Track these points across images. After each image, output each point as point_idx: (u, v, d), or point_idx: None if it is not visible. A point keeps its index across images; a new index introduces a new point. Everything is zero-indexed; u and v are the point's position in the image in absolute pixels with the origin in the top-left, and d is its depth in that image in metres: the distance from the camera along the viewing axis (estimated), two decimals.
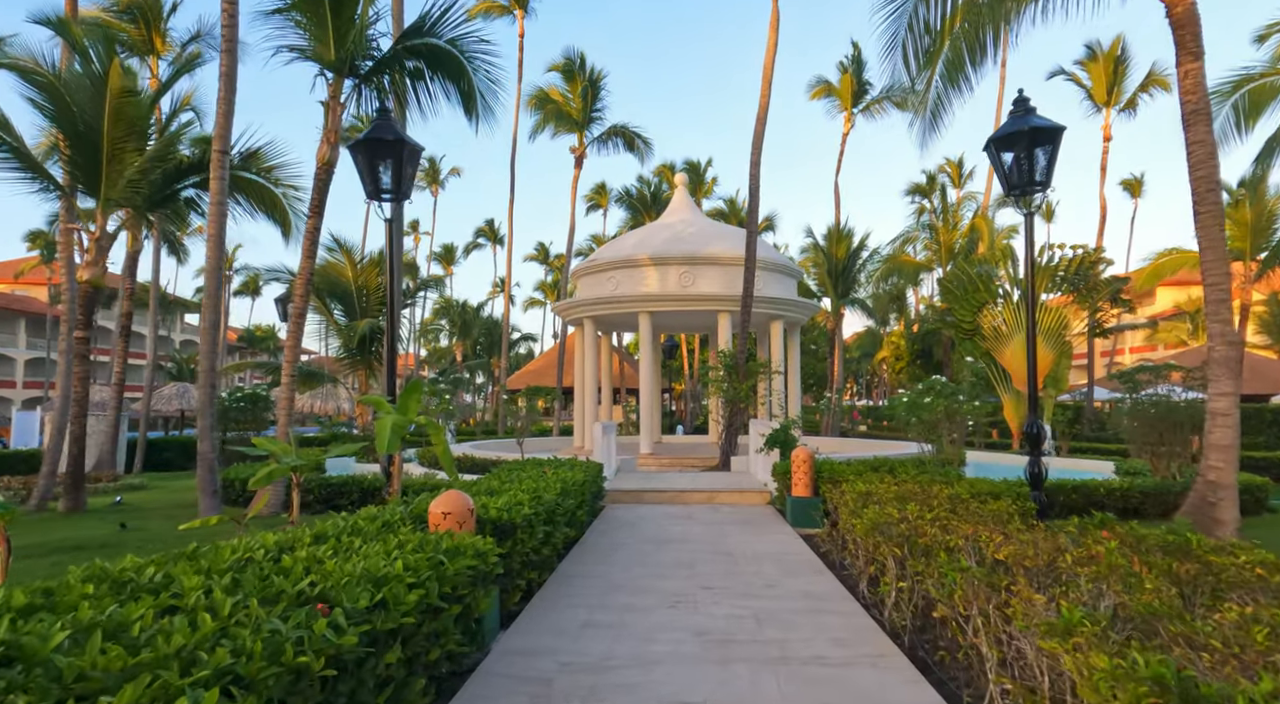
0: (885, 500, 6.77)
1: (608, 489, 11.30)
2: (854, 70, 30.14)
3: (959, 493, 6.98)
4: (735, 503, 11.23)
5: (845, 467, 9.64)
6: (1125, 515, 10.56)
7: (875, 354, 58.67)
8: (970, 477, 9.27)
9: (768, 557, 7.36)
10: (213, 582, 2.91)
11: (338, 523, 4.55)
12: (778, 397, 18.75)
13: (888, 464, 10.18)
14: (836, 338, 30.99)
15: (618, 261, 19.16)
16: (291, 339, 9.92)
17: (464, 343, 57.89)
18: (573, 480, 7.74)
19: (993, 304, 23.78)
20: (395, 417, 7.85)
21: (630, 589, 5.95)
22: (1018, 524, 5.69)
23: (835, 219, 31.05)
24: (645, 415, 18.53)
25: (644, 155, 29.11)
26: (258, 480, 6.77)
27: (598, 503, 10.06)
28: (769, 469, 11.69)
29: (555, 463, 9.81)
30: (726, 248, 18.82)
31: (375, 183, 9.40)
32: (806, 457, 9.60)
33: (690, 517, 9.94)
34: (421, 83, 11.15)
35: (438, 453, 8.26)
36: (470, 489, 6.45)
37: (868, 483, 8.13)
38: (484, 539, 4.35)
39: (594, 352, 20.19)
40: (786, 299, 19.18)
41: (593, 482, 9.07)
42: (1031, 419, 9.08)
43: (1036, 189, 9.20)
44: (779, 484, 10.62)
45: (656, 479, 12.97)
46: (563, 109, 27.07)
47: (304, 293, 9.89)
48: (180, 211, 12.71)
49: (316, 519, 6.10)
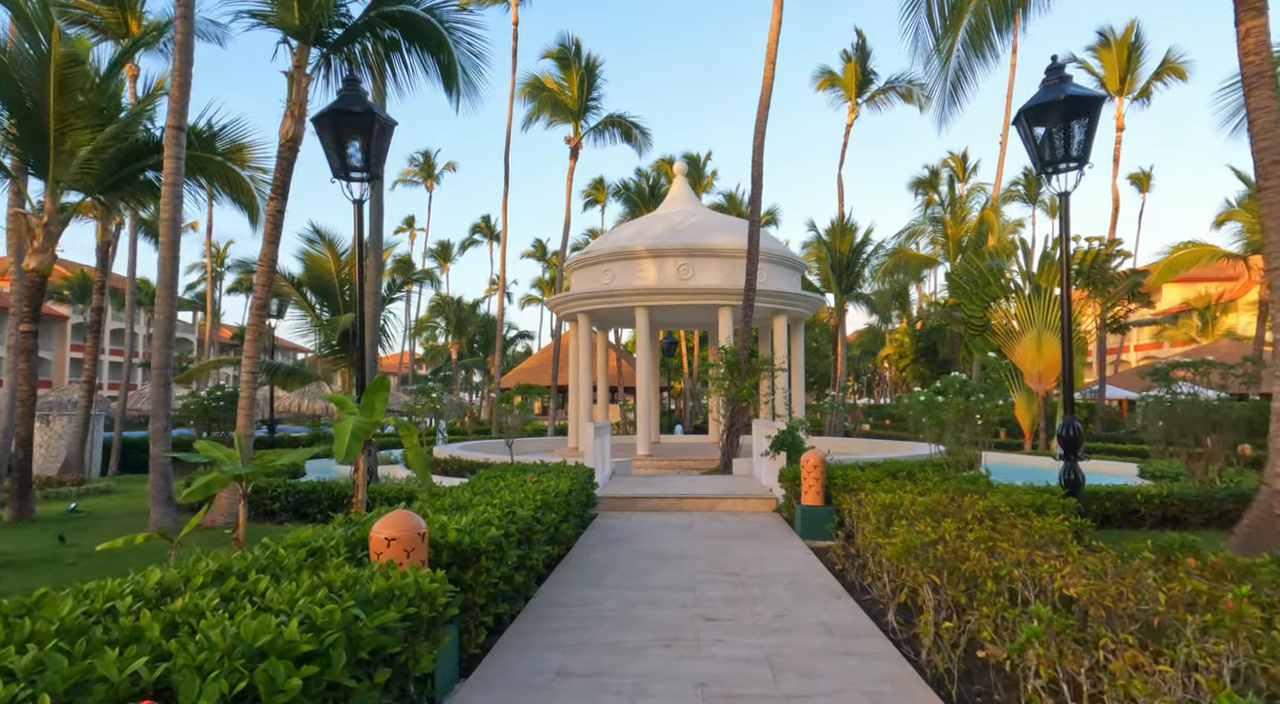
0: (914, 515, 5.90)
1: (600, 496, 10.44)
2: (858, 59, 29.24)
3: (995, 504, 6.11)
4: (738, 511, 10.36)
5: (860, 472, 8.76)
6: (1163, 525, 9.70)
7: (877, 352, 57.88)
8: (997, 482, 8.42)
9: (778, 578, 6.49)
10: (9, 659, 2.04)
11: (255, 554, 3.67)
12: (781, 395, 17.88)
13: (904, 468, 9.32)
14: (840, 334, 30.12)
15: (613, 253, 18.28)
16: (252, 332, 9.03)
17: (459, 341, 57.00)
18: (557, 490, 6.87)
19: (1003, 299, 22.93)
20: (357, 418, 6.97)
21: (620, 620, 5.08)
22: (1074, 546, 4.83)
23: (838, 212, 30.18)
24: (642, 415, 17.66)
25: (642, 147, 28.23)
26: (191, 493, 5.89)
27: (588, 512, 9.20)
28: (774, 473, 10.83)
29: (542, 468, 8.93)
30: (727, 239, 17.94)
31: (342, 160, 8.50)
32: (818, 462, 8.73)
33: (690, 527, 9.07)
34: (397, 54, 10.26)
35: (409, 458, 7.40)
36: (434, 504, 5.57)
37: (888, 491, 7.27)
38: (433, 574, 3.48)
39: (588, 348, 19.31)
40: (790, 293, 18.31)
41: (581, 490, 8.20)
42: (1069, 419, 8.21)
43: (1072, 165, 8.34)
44: (786, 491, 9.75)
45: (653, 484, 12.11)
46: (558, 98, 26.15)
47: (265, 282, 9.00)
48: (139, 195, 11.79)
49: (279, 531, 5.27)
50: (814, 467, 8.71)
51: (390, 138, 8.79)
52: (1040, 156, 8.29)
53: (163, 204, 9.06)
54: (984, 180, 28.77)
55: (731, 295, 17.13)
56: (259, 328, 9.05)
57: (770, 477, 11.26)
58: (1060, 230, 8.25)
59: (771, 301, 17.76)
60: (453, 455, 15.97)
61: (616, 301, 17.75)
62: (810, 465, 8.72)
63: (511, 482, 7.07)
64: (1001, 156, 24.67)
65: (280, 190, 9.00)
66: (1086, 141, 8.19)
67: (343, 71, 10.22)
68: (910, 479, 8.50)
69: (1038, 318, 21.58)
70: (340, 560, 3.60)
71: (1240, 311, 47.87)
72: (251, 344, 9.01)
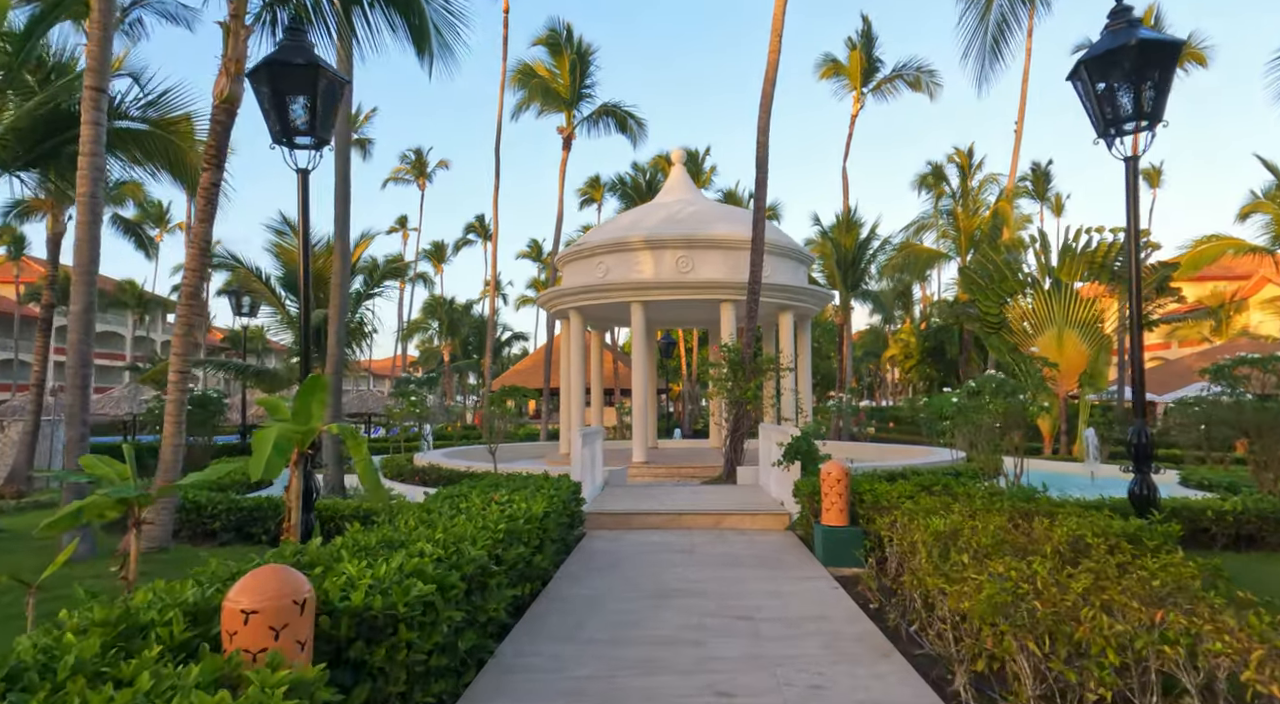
0: (978, 547, 4.64)
1: (588, 512, 9.16)
2: (863, 46, 28.03)
3: (1079, 533, 4.84)
4: (747, 528, 9.08)
5: (888, 486, 7.50)
6: (1237, 546, 8.45)
7: (879, 353, 56.64)
8: (1056, 497, 7.15)
9: (804, 623, 5.21)
10: None
11: (26, 645, 2.39)
12: (789, 397, 16.63)
13: (936, 480, 8.06)
14: (845, 333, 28.88)
15: (607, 245, 17.01)
16: (181, 325, 7.70)
17: (453, 342, 55.74)
18: (529, 515, 5.58)
19: (1021, 295, 21.69)
20: (283, 426, 5.71)
21: (600, 697, 3.81)
22: (1211, 596, 3.56)
23: (843, 207, 28.96)
24: (638, 419, 16.37)
25: (637, 138, 27.00)
26: (52, 525, 4.60)
27: (573, 533, 7.91)
28: (786, 485, 9.57)
29: (519, 481, 7.65)
30: (730, 229, 16.68)
31: (283, 122, 7.22)
32: (840, 475, 7.45)
33: (692, 550, 7.79)
34: (358, 7, 8.99)
35: (358, 471, 6.16)
36: (363, 539, 4.27)
37: (931, 511, 6.00)
38: (311, 669, 2.21)
39: (581, 347, 18.03)
40: (797, 287, 17.04)
41: (563, 510, 6.92)
42: (1139, 424, 6.93)
43: (1142, 125, 7.11)
44: (803, 507, 8.48)
45: (650, 496, 10.83)
46: (549, 85, 24.89)
47: (197, 266, 7.69)
48: (66, 173, 10.49)
49: (223, 554, 4.05)
50: (836, 480, 7.43)
51: (341, 97, 7.51)
52: (1102, 115, 7.04)
53: (79, 176, 7.77)
54: (996, 171, 27.54)
55: (734, 289, 15.87)
56: (189, 320, 7.74)
57: (781, 488, 10.00)
58: (1126, 203, 7.00)
59: (777, 296, 16.50)
60: (432, 463, 14.69)
61: (610, 296, 16.48)
62: (832, 479, 7.44)
63: (478, 500, 5.79)
64: (1016, 146, 23.46)
65: (214, 159, 7.71)
66: (1159, 96, 6.95)
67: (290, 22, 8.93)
68: (949, 494, 7.24)
69: (1058, 314, 20.38)
70: (156, 653, 2.32)
71: (1252, 310, 46.72)
72: (181, 339, 7.70)
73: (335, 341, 11.65)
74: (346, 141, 11.75)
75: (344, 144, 11.69)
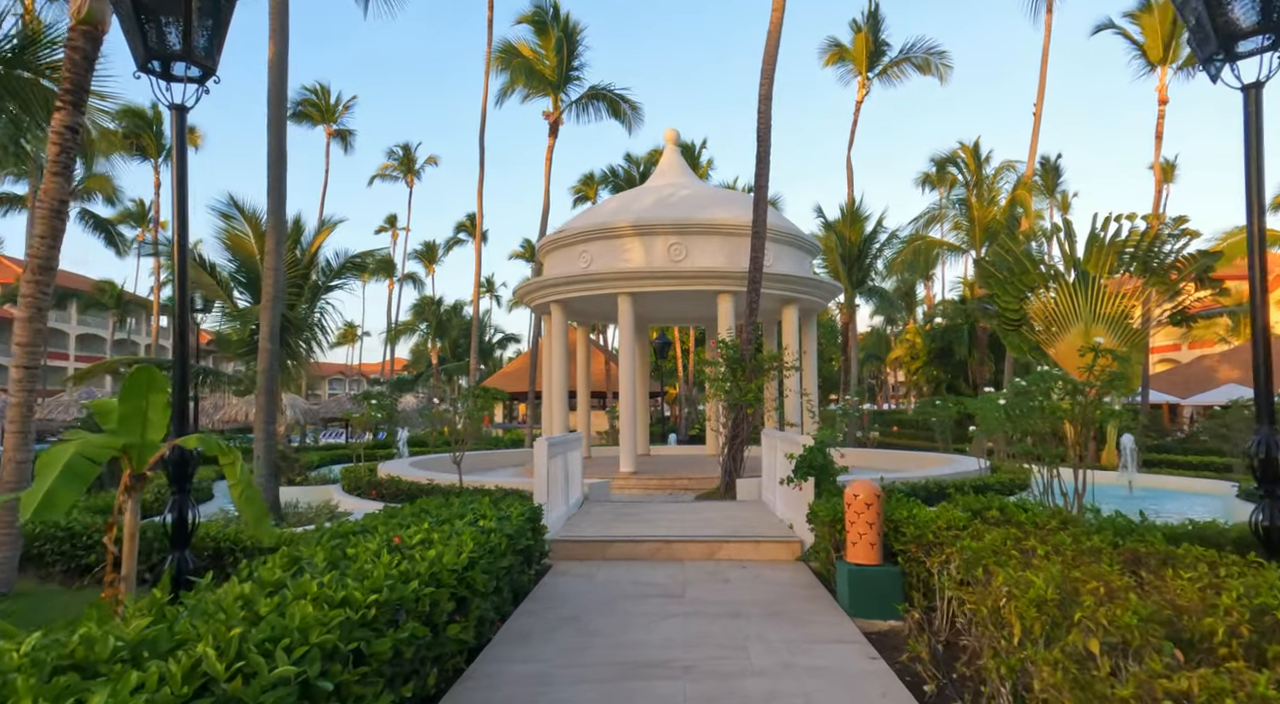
0: (1120, 628, 2.98)
1: (555, 539, 7.50)
2: (869, 28, 26.45)
3: (1259, 601, 3.18)
4: (750, 560, 7.42)
5: (932, 513, 5.85)
6: None
7: (882, 356, 54.98)
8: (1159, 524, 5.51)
9: None
10: None
11: None
12: (795, 400, 14.99)
13: (990, 502, 6.45)
14: (850, 332, 27.25)
15: (591, 231, 15.36)
16: (27, 307, 5.99)
17: (442, 344, 54.05)
18: (450, 566, 3.90)
19: (1043, 289, 20.06)
20: (88, 441, 4.04)
21: None
22: None
23: (848, 198, 27.36)
24: (626, 424, 14.70)
25: (631, 123, 25.35)
26: None
27: (529, 572, 6.22)
28: (797, 505, 7.93)
29: (456, 507, 5.97)
30: (728, 213, 15.05)
31: (151, 42, 5.63)
32: (871, 497, 5.79)
33: (682, 592, 6.13)
34: None
35: (233, 496, 4.53)
36: (141, 616, 2.58)
37: (997, 549, 4.38)
38: None
39: (563, 345, 16.38)
40: (803, 277, 15.39)
41: (508, 547, 5.23)
42: (1264, 432, 5.31)
43: (1266, 43, 5.48)
44: (818, 534, 6.81)
45: (635, 515, 9.17)
46: (534, 66, 23.25)
47: (48, 232, 5.99)
48: None
49: None
50: (865, 505, 5.77)
51: (230, 15, 5.85)
52: (1215, 27, 5.40)
53: None
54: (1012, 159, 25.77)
55: (733, 280, 14.23)
56: (38, 300, 6.06)
57: (790, 507, 8.34)
58: (1246, 142, 5.36)
59: (780, 287, 14.86)
60: (392, 475, 13.00)
61: (595, 288, 14.82)
62: (860, 504, 5.78)
63: (369, 547, 4.11)
64: (1036, 128, 21.83)
65: (72, 97, 6.04)
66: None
67: None
68: (1011, 522, 5.61)
69: (1084, 309, 18.76)
70: None
71: (1273, 308, 45.15)
72: (26, 326, 5.99)
73: (267, 334, 9.99)
74: (280, 101, 10.10)
75: (277, 107, 10.05)
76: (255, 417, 10.24)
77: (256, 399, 10.03)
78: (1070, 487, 7.52)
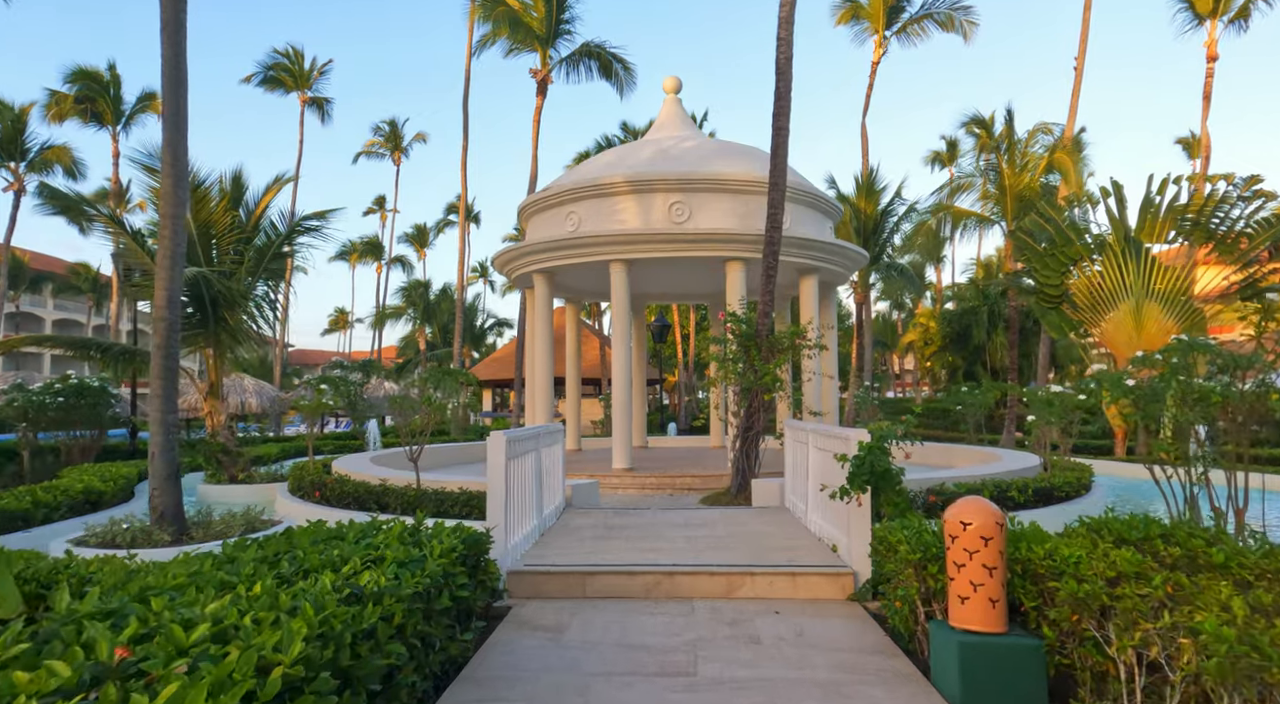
0: None
1: (519, 571, 5.45)
2: None
3: None
4: (783, 598, 5.37)
5: (1071, 545, 3.80)
6: None
7: (889, 343, 52.93)
8: None
9: None
10: None
11: None
12: (814, 384, 12.94)
13: (1128, 528, 4.40)
14: (865, 313, 25.18)
15: (580, 189, 13.22)
16: None
17: (432, 329, 51.90)
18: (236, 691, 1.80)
19: (1087, 262, 17.97)
20: None
21: None
22: None
23: (863, 168, 25.21)
24: (620, 414, 12.61)
25: (624, 85, 23.10)
26: None
27: (460, 638, 4.12)
28: (837, 515, 5.88)
29: (354, 535, 3.89)
30: (739, 167, 12.92)
31: None
32: (992, 526, 3.71)
33: (693, 669, 4.06)
34: None
35: None
36: None
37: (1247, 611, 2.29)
38: None
39: (548, 323, 14.28)
40: (825, 242, 13.26)
41: (411, 621, 3.16)
42: None
43: None
44: (889, 571, 4.74)
45: (625, 532, 7.11)
46: (519, 17, 20.98)
47: None
48: None
49: None
50: (982, 540, 3.69)
51: None
52: None
53: None
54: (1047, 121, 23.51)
55: (744, 244, 12.12)
56: None
57: (830, 519, 6.28)
58: None
59: (800, 253, 12.76)
60: (343, 474, 10.96)
61: (584, 254, 12.70)
62: (973, 536, 3.70)
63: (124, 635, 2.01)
64: (1077, 85, 19.62)
65: None
66: None
67: None
68: (1214, 568, 3.58)
69: (1135, 283, 16.70)
70: None
71: None
72: None
73: (165, 298, 7.89)
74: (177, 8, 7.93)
75: (173, 3, 7.87)
76: (149, 402, 8.14)
77: (152, 382, 7.94)
78: (1224, 494, 5.49)
